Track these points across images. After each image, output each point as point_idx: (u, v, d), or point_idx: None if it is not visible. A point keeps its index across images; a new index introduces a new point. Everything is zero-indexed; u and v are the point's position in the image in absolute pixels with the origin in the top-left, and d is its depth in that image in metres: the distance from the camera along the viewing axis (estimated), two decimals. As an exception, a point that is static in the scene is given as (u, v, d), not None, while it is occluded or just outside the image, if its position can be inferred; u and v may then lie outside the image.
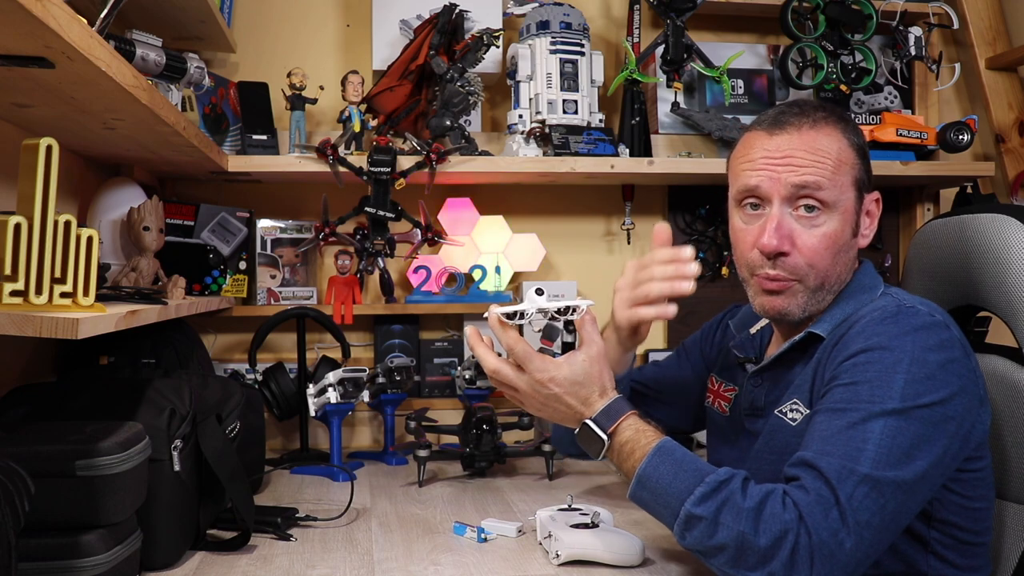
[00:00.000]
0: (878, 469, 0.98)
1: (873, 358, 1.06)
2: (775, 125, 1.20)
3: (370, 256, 1.95)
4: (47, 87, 1.09)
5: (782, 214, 1.16)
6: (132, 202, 1.61)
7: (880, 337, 1.07)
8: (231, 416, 1.41)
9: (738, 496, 0.98)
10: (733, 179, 1.24)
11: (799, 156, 1.16)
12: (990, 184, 2.26)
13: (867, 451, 0.98)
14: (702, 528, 0.99)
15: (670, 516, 1.03)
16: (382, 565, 1.21)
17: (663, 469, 1.05)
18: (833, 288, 1.20)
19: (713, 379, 1.40)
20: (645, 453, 1.07)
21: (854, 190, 1.19)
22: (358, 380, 1.71)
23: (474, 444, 1.68)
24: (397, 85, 1.96)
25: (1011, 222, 1.29)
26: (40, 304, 0.97)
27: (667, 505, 1.03)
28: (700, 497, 1.00)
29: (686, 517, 1.00)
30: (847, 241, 1.19)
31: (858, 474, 0.97)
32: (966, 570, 1.13)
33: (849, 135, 1.19)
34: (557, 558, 1.19)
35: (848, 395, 1.04)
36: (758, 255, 1.18)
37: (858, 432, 1.00)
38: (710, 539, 0.98)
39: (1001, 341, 1.35)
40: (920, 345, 1.05)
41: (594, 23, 2.19)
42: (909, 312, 1.10)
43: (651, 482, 1.05)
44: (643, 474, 1.06)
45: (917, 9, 2.20)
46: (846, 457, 0.98)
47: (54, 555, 1.00)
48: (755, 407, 1.26)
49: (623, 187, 2.21)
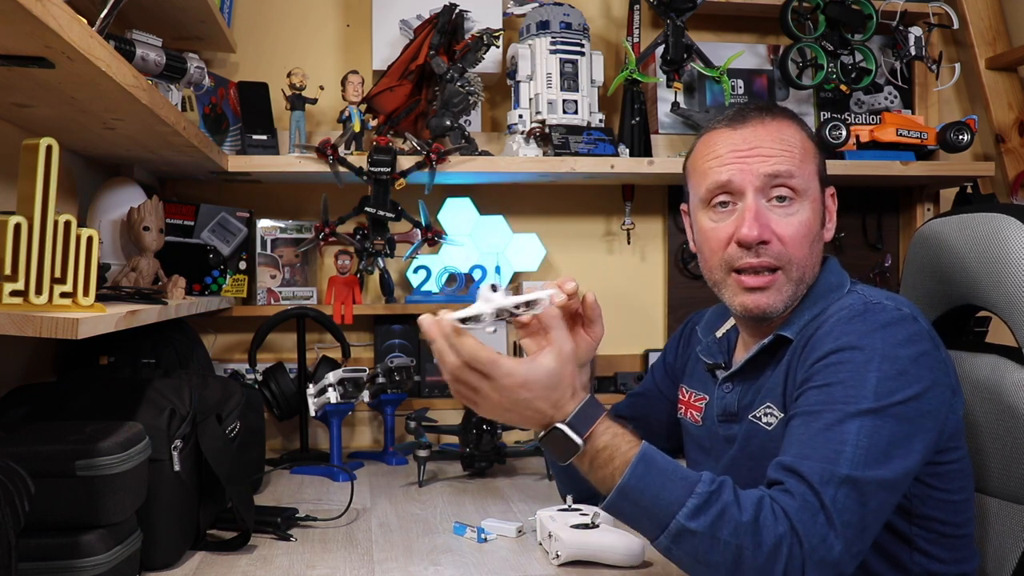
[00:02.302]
0: (858, 469, 0.97)
1: (844, 358, 1.05)
2: (736, 120, 1.20)
3: (370, 256, 1.95)
4: (47, 87, 1.09)
5: (758, 204, 1.15)
6: (132, 202, 1.61)
7: (849, 336, 1.07)
8: (231, 416, 1.41)
9: (734, 509, 0.95)
10: (698, 179, 1.22)
11: (767, 146, 1.16)
12: (990, 184, 2.26)
13: (845, 452, 0.98)
14: (696, 543, 0.95)
15: (654, 528, 0.98)
16: (382, 565, 1.21)
17: (648, 480, 0.99)
18: (808, 282, 1.19)
19: (683, 389, 1.38)
20: (627, 461, 1.00)
21: (818, 180, 1.20)
22: (358, 380, 1.71)
23: (474, 444, 1.68)
24: (397, 85, 1.96)
25: (1011, 222, 1.29)
26: (40, 304, 0.97)
27: (652, 517, 0.98)
28: (693, 510, 0.96)
29: (678, 531, 0.96)
30: (818, 231, 1.19)
31: (839, 476, 0.97)
32: (951, 563, 1.13)
33: (805, 129, 1.22)
34: (557, 558, 1.19)
35: (822, 397, 1.04)
36: (736, 249, 1.16)
37: (835, 434, 1.00)
38: (705, 554, 0.95)
39: (1001, 341, 1.35)
40: (890, 341, 1.05)
41: (594, 23, 2.19)
42: (876, 309, 1.09)
43: (635, 494, 0.99)
44: (626, 486, 0.99)
45: (917, 9, 2.20)
46: (826, 460, 0.98)
47: (54, 555, 1.00)
48: (728, 413, 1.24)
49: (623, 187, 2.21)
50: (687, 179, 1.27)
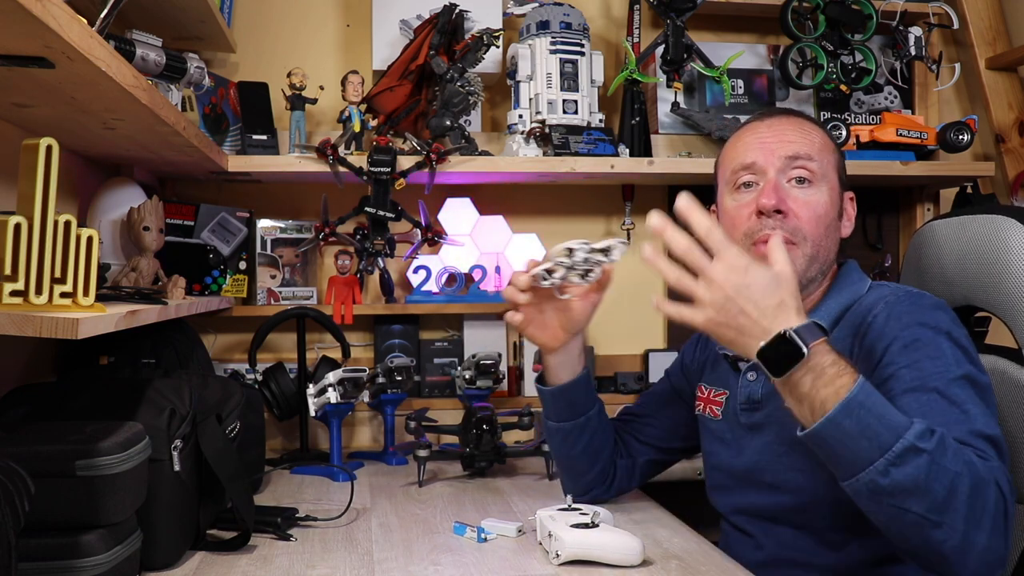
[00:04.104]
0: (987, 428, 1.04)
1: (918, 334, 1.13)
2: (763, 116, 1.33)
3: (370, 256, 1.95)
4: (47, 87, 1.09)
5: (778, 180, 1.25)
6: (132, 202, 1.61)
7: (912, 315, 1.15)
8: (231, 416, 1.41)
9: (949, 439, 0.98)
10: (725, 166, 1.32)
11: (790, 133, 1.27)
12: (990, 184, 2.26)
13: (971, 412, 1.05)
14: (920, 464, 0.94)
15: (875, 450, 0.96)
16: (382, 565, 1.21)
17: (874, 399, 0.98)
18: (823, 268, 1.26)
19: (702, 388, 1.42)
20: (854, 380, 0.97)
21: (837, 176, 1.29)
22: (358, 380, 1.71)
23: (474, 444, 1.68)
24: (397, 85, 1.96)
25: (1010, 223, 1.29)
26: (40, 304, 0.97)
27: (875, 438, 0.96)
28: (921, 432, 0.95)
29: (903, 450, 0.94)
30: (834, 219, 1.27)
31: (975, 431, 1.03)
32: None
33: (828, 133, 1.32)
34: (557, 558, 1.19)
35: (916, 374, 1.09)
36: (755, 221, 1.24)
37: (947, 401, 1.06)
38: (926, 478, 0.94)
39: (1000, 342, 1.35)
40: (944, 320, 1.16)
41: (594, 23, 2.19)
42: (918, 295, 1.20)
43: (862, 410, 0.96)
44: (854, 400, 0.96)
45: (917, 9, 2.20)
46: (957, 423, 1.03)
47: (54, 555, 1.00)
48: (752, 400, 1.29)
49: (623, 187, 2.21)
50: (716, 173, 1.37)
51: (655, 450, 1.51)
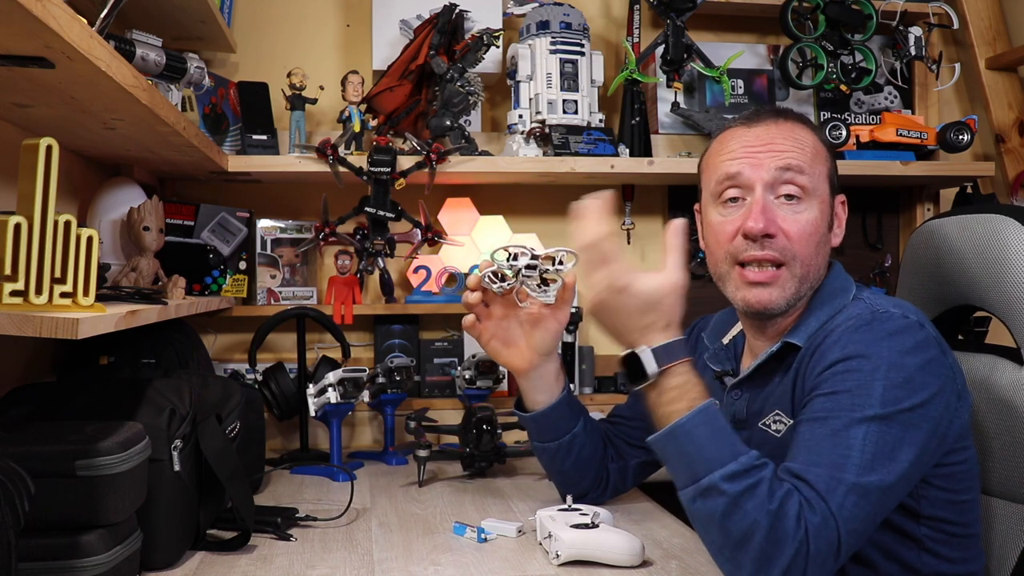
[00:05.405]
0: (863, 475, 0.99)
1: (852, 366, 1.06)
2: (750, 119, 1.23)
3: (370, 256, 1.95)
4: (47, 87, 1.09)
5: (766, 198, 1.17)
6: (132, 202, 1.61)
7: (857, 345, 1.08)
8: (231, 416, 1.41)
9: (766, 489, 0.97)
10: (710, 174, 1.24)
11: (779, 142, 1.18)
12: (990, 184, 2.26)
13: (852, 458, 1.00)
14: (720, 504, 0.97)
15: (688, 477, 1.00)
16: (382, 565, 1.21)
17: (701, 431, 1.01)
18: (812, 283, 1.20)
19: None
20: (690, 407, 1.02)
21: (828, 185, 1.21)
22: (358, 380, 1.71)
23: (474, 444, 1.68)
24: (397, 85, 1.96)
25: (1010, 222, 1.29)
26: (40, 304, 0.97)
27: (690, 467, 1.00)
28: (730, 474, 0.97)
29: (708, 486, 0.98)
30: (824, 234, 1.20)
31: (846, 483, 0.98)
32: (959, 562, 1.13)
33: (819, 134, 1.24)
34: (557, 558, 1.19)
35: (829, 404, 1.05)
36: (741, 241, 1.18)
37: (841, 440, 1.01)
38: (723, 518, 0.97)
39: (1000, 341, 1.35)
40: (896, 349, 1.06)
41: (594, 23, 2.19)
42: (883, 317, 1.11)
43: (683, 439, 1.01)
44: (678, 428, 1.01)
45: (917, 9, 2.20)
46: (832, 467, 1.00)
47: (54, 555, 1.00)
48: (737, 419, 1.25)
49: (623, 187, 2.21)
50: (700, 176, 1.29)
51: (645, 452, 1.48)
